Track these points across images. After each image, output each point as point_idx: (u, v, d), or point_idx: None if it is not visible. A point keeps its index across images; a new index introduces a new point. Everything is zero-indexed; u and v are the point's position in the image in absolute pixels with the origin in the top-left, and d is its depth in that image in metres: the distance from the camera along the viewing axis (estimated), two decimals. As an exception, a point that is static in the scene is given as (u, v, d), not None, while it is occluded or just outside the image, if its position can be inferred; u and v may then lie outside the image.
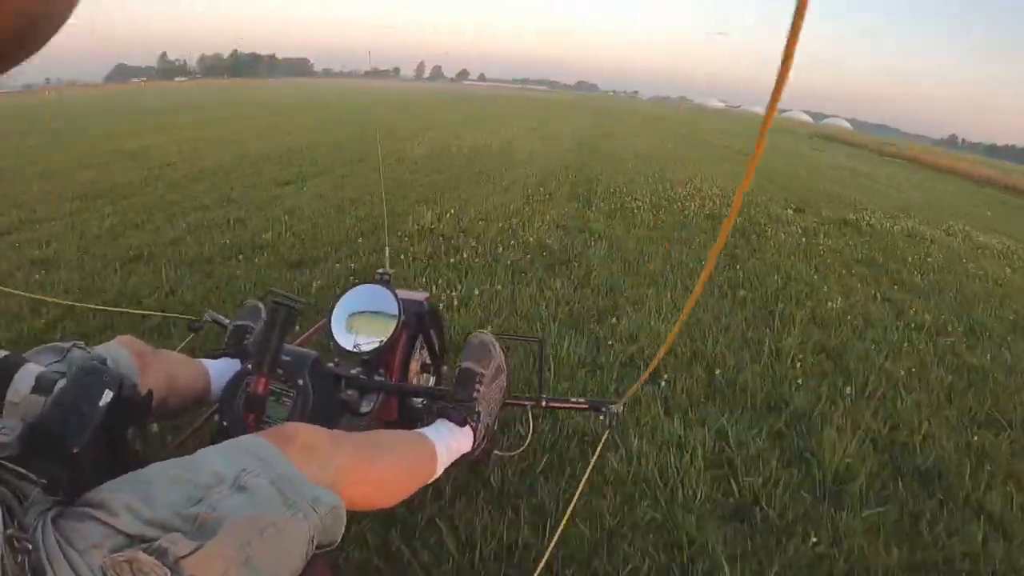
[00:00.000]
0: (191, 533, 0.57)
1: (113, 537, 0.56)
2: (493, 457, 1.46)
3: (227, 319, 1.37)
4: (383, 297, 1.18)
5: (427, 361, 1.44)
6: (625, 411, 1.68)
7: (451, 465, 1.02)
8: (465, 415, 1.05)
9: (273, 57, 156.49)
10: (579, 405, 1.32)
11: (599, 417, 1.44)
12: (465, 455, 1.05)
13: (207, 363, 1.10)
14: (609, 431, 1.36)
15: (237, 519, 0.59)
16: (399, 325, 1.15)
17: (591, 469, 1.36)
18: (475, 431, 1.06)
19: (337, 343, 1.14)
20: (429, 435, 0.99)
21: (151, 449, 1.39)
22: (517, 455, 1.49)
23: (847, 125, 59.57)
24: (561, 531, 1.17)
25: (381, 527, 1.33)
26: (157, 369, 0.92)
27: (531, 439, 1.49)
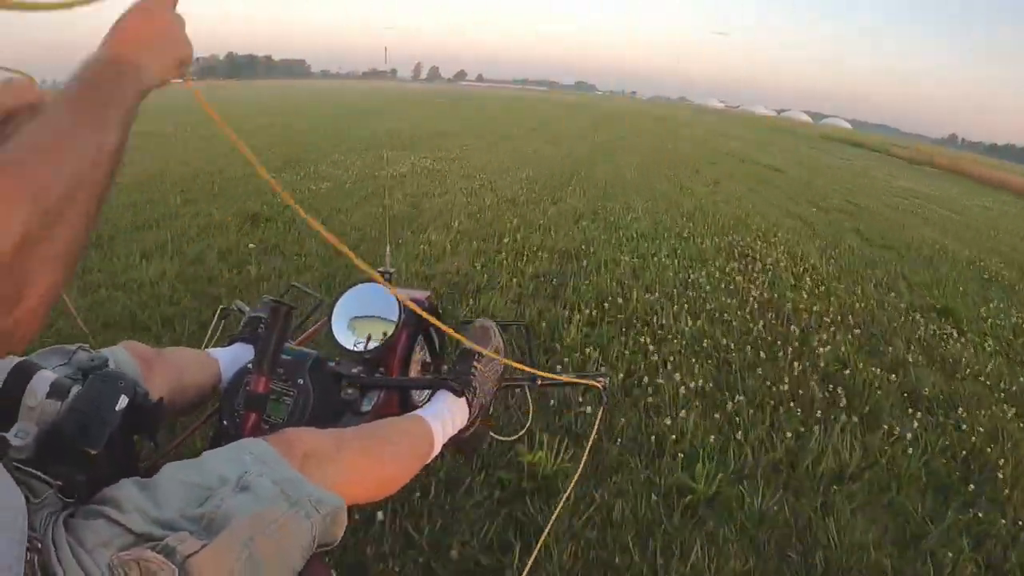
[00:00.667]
0: (197, 532, 0.58)
1: (121, 536, 0.57)
2: (491, 440, 1.47)
3: (249, 308, 1.37)
4: (384, 296, 1.18)
5: (427, 360, 1.44)
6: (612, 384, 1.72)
7: (447, 442, 1.03)
8: (463, 387, 1.06)
9: (269, 59, 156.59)
10: (570, 381, 1.38)
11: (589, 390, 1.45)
12: (461, 431, 1.06)
13: (217, 353, 1.10)
14: (603, 407, 1.38)
15: (242, 517, 0.60)
16: (400, 324, 1.15)
17: (588, 452, 1.39)
18: (471, 405, 1.07)
19: (337, 342, 1.14)
20: (426, 416, 1.00)
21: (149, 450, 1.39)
22: (516, 439, 1.52)
23: (847, 125, 59.61)
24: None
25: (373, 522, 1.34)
26: (162, 371, 0.92)
27: (531, 420, 1.51)
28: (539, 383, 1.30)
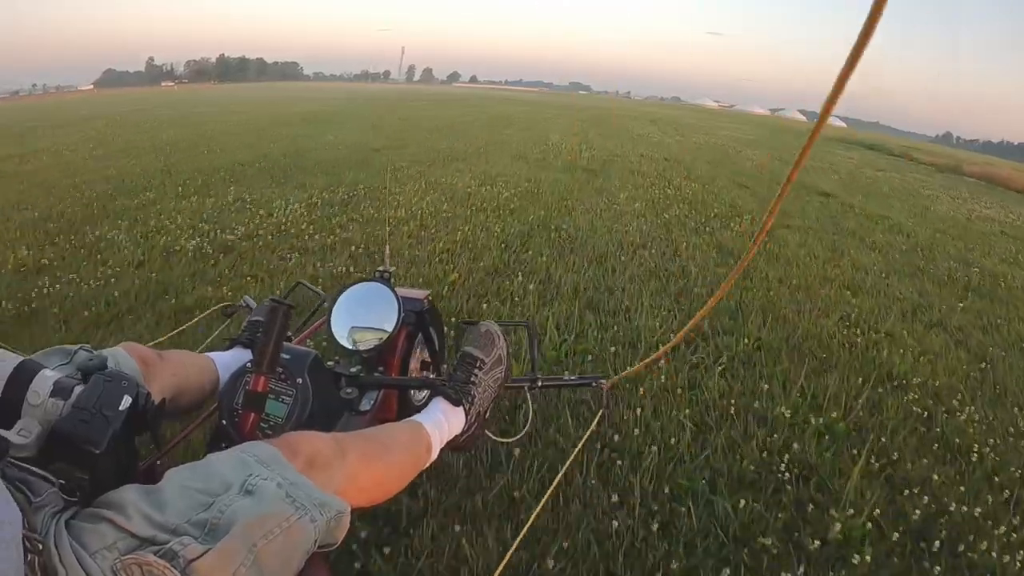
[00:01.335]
0: (201, 537, 0.58)
1: (124, 540, 0.57)
2: (487, 440, 1.47)
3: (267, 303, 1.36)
4: (383, 295, 1.17)
5: (426, 359, 1.43)
6: (613, 387, 1.71)
7: (443, 446, 1.04)
8: (460, 396, 1.06)
9: (262, 61, 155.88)
10: (571, 383, 1.37)
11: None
12: (455, 438, 1.06)
13: (215, 356, 1.10)
14: (604, 408, 1.39)
15: (245, 521, 0.60)
16: (399, 323, 1.14)
17: (583, 444, 1.39)
18: (467, 413, 1.07)
19: (336, 341, 1.13)
20: (424, 422, 1.01)
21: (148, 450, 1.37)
22: (516, 440, 1.51)
23: (841, 124, 59.63)
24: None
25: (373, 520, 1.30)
26: (162, 373, 0.92)
27: (531, 422, 1.51)
28: (540, 384, 1.31)
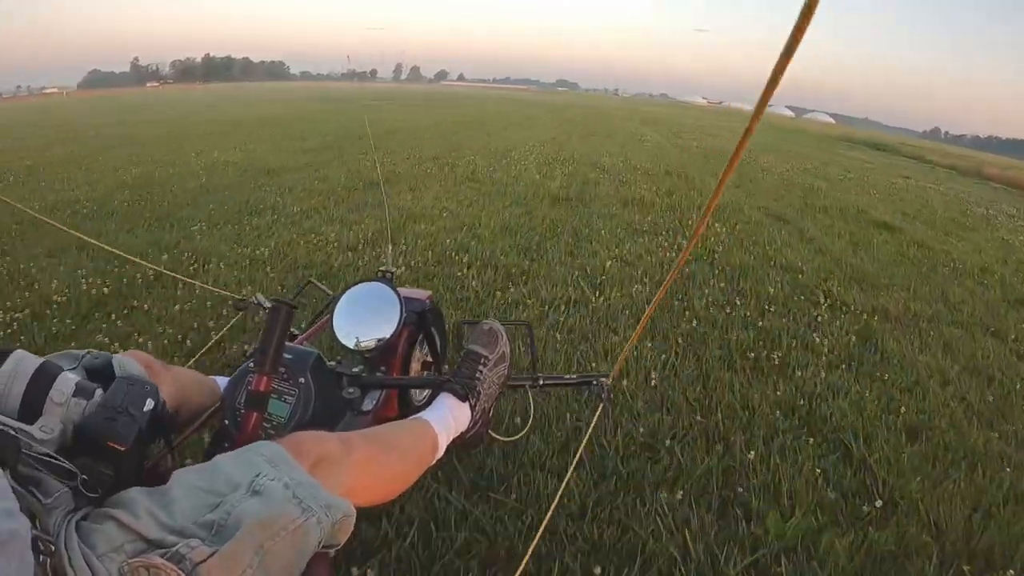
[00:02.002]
0: (208, 539, 0.58)
1: (132, 541, 0.57)
2: (489, 439, 1.47)
3: (269, 302, 1.35)
4: (385, 295, 1.17)
5: (428, 359, 1.43)
6: (615, 384, 1.71)
7: (449, 444, 1.04)
8: (466, 391, 1.06)
9: (248, 60, 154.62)
10: (572, 382, 1.38)
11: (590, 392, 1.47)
12: (461, 434, 1.06)
13: (220, 380, 1.09)
14: (603, 404, 1.39)
15: (252, 523, 0.60)
16: (401, 323, 1.14)
17: (585, 442, 1.39)
18: (473, 409, 1.07)
19: (339, 341, 1.13)
20: (430, 419, 1.01)
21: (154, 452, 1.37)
22: (517, 439, 1.51)
23: (830, 120, 59.76)
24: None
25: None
26: (165, 383, 0.91)
27: (532, 420, 1.51)
28: (541, 383, 1.31)
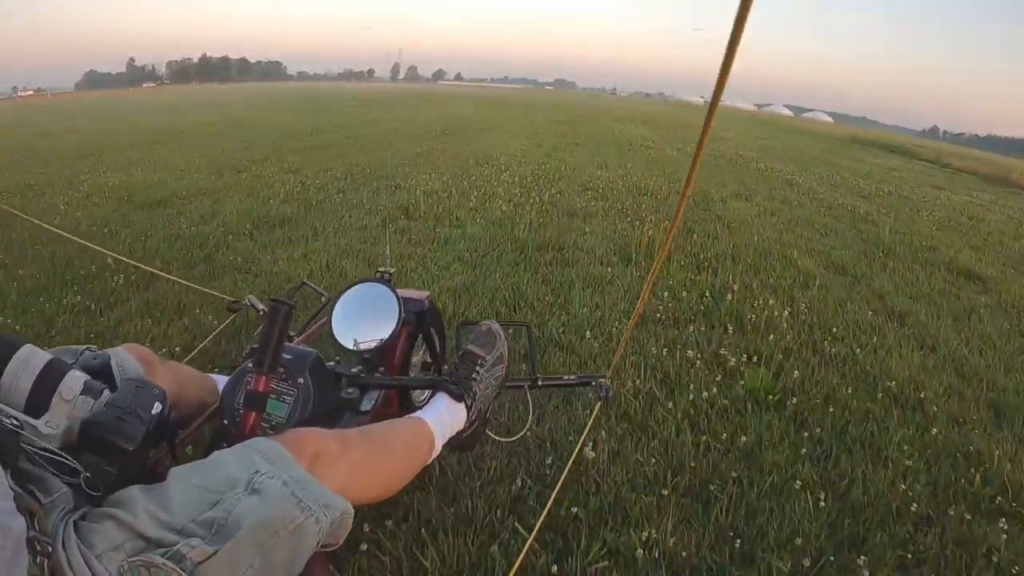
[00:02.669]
0: (208, 538, 0.58)
1: (132, 541, 0.57)
2: (488, 440, 1.47)
3: (263, 305, 1.36)
4: (384, 296, 1.17)
5: (427, 360, 1.43)
6: (614, 384, 1.72)
7: (446, 443, 1.04)
8: (462, 391, 1.06)
9: (244, 60, 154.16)
10: (571, 382, 1.37)
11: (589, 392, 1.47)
12: (459, 433, 1.07)
13: (218, 378, 1.09)
14: (601, 403, 1.38)
15: (252, 523, 0.60)
16: (399, 324, 1.14)
17: (582, 442, 1.39)
18: (469, 410, 1.07)
19: (337, 342, 1.13)
20: (427, 418, 1.01)
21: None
22: (516, 440, 1.50)
23: (828, 118, 59.62)
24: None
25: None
26: (163, 377, 0.91)
27: (531, 421, 1.52)
28: (540, 384, 1.31)
